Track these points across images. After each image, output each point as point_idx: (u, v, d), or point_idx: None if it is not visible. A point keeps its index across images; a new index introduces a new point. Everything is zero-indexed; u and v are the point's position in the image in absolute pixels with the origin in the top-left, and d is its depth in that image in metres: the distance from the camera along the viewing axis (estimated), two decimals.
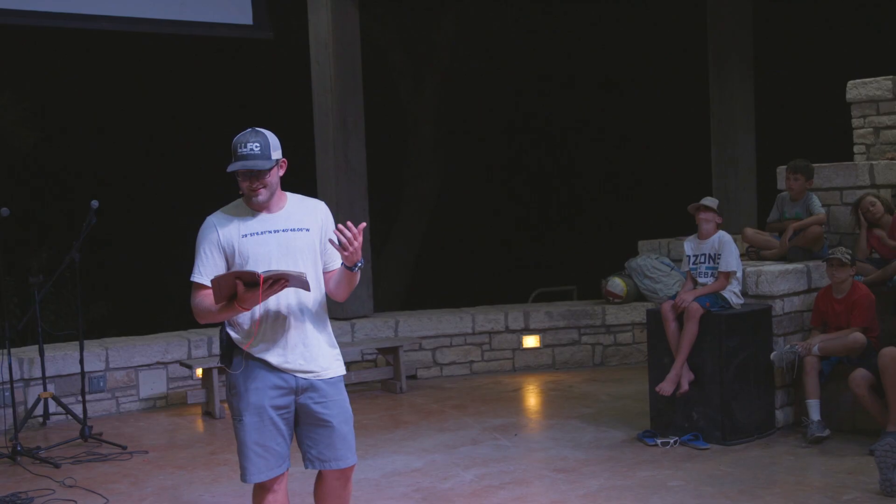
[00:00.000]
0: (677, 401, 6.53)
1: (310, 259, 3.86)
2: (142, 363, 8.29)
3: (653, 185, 15.76)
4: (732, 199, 10.95)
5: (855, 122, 8.32)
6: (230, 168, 3.77)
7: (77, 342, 7.26)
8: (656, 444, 6.40)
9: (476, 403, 8.01)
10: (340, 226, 3.73)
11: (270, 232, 3.82)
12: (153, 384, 8.36)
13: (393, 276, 15.05)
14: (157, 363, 8.37)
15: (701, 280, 6.66)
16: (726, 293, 6.52)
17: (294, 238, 3.84)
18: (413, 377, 9.05)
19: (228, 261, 3.81)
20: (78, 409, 7.39)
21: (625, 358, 9.52)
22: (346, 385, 3.98)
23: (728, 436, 6.36)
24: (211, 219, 3.88)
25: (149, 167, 15.40)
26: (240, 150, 3.76)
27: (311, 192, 9.83)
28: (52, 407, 7.55)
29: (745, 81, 11.24)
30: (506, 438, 6.79)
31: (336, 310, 9.48)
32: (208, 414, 7.89)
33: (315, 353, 3.86)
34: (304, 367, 3.83)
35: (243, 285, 3.59)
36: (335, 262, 3.92)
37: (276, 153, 3.80)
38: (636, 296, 9.50)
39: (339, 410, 3.90)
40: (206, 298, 3.76)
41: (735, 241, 6.77)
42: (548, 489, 5.61)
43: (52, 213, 14.32)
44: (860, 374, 6.12)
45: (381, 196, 13.48)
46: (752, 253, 7.48)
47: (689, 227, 7.19)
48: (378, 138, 11.25)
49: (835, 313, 6.53)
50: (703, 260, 6.67)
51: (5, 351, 7.11)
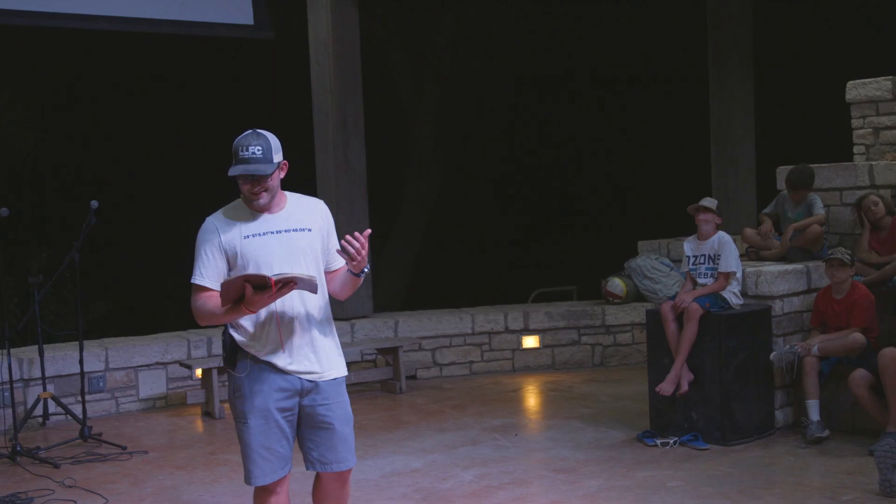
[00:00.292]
0: (677, 401, 6.53)
1: (312, 259, 3.84)
2: (141, 363, 8.29)
3: (652, 186, 15.75)
4: (732, 200, 10.94)
5: (854, 122, 8.31)
6: (232, 172, 3.72)
7: (77, 342, 7.26)
8: (656, 445, 6.40)
9: (476, 404, 8.01)
10: (348, 236, 3.70)
11: (273, 233, 3.79)
12: (153, 384, 8.36)
13: (393, 276, 15.05)
14: (157, 363, 8.37)
15: (700, 281, 6.65)
16: (726, 293, 6.52)
17: (296, 238, 3.81)
18: (413, 377, 9.05)
19: (230, 262, 3.77)
20: (77, 410, 7.39)
21: (624, 358, 9.52)
22: (346, 385, 3.98)
23: (728, 436, 6.36)
24: (211, 220, 3.83)
25: (149, 167, 15.40)
26: (241, 153, 3.71)
27: (310, 192, 9.78)
28: (52, 407, 7.55)
29: (745, 81, 11.23)
30: (506, 439, 6.79)
31: (336, 310, 9.40)
32: (208, 414, 7.89)
33: (321, 355, 3.85)
34: (310, 369, 3.81)
35: (252, 288, 3.57)
36: (337, 262, 3.91)
37: (278, 156, 3.76)
38: (636, 296, 9.50)
39: (341, 412, 3.89)
40: (208, 301, 3.73)
41: (735, 241, 6.77)
42: (547, 489, 5.60)
43: (52, 213, 14.32)
44: (860, 374, 6.12)
45: (380, 196, 13.49)
46: (751, 253, 7.48)
47: (688, 228, 7.19)
48: (378, 138, 11.25)
49: (834, 314, 6.53)
50: (702, 261, 6.66)
51: (5, 351, 7.11)
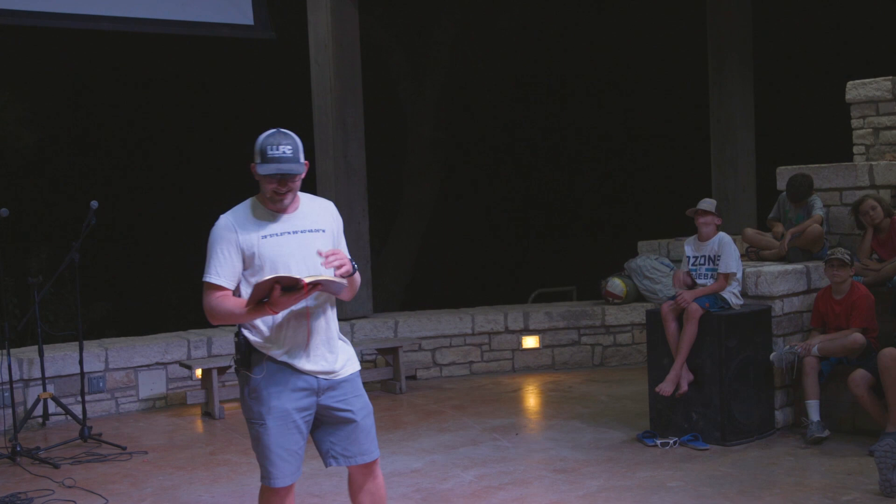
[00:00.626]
0: (677, 401, 6.53)
1: (317, 262, 3.82)
2: (141, 364, 8.29)
3: (653, 186, 15.76)
4: (732, 200, 10.95)
5: (854, 122, 8.31)
6: (264, 171, 3.67)
7: (76, 342, 7.26)
8: (656, 445, 6.40)
9: (476, 404, 8.01)
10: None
11: (290, 233, 3.78)
12: (153, 385, 8.36)
13: (392, 276, 15.05)
14: (157, 364, 8.37)
15: (701, 281, 6.65)
16: (726, 294, 6.52)
17: (312, 239, 3.81)
18: (413, 378, 9.05)
19: (245, 262, 3.73)
20: (77, 410, 7.39)
21: (624, 358, 9.52)
22: None
23: (728, 436, 6.36)
24: (228, 219, 3.78)
25: (149, 167, 15.41)
26: (270, 151, 3.69)
27: (310, 192, 9.86)
28: (52, 407, 7.55)
29: (745, 81, 11.23)
30: (506, 439, 6.79)
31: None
32: (208, 414, 7.89)
33: (336, 354, 3.86)
34: (327, 368, 3.81)
35: (280, 289, 3.55)
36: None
37: (303, 156, 3.79)
38: (636, 296, 9.50)
39: (361, 405, 3.89)
40: (224, 300, 3.70)
41: (735, 241, 6.77)
42: (547, 490, 5.60)
43: (52, 213, 14.32)
44: (860, 374, 6.12)
45: (380, 196, 13.50)
46: (751, 253, 7.48)
47: (689, 228, 7.19)
48: (378, 138, 11.25)
49: (834, 314, 6.53)
50: (703, 262, 6.66)
51: (5, 351, 7.11)
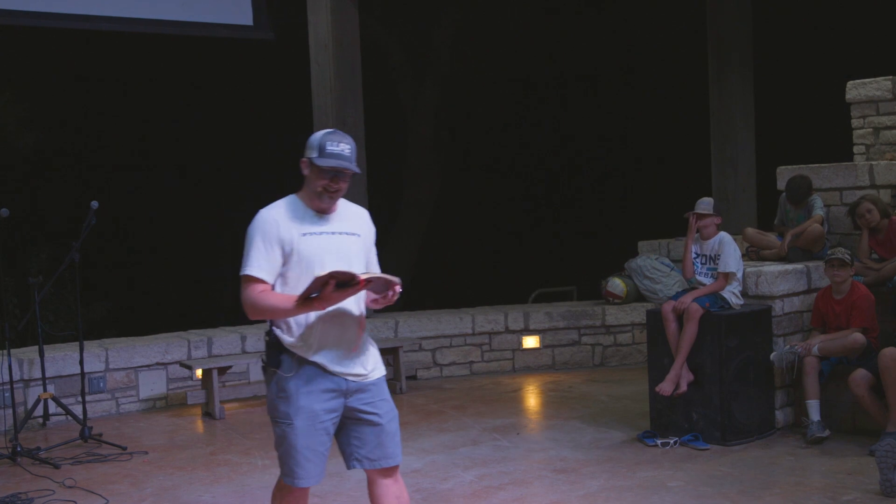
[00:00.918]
0: (677, 401, 6.53)
1: (361, 264, 3.86)
2: (141, 364, 8.29)
3: (653, 186, 15.75)
4: (732, 199, 10.94)
5: (854, 122, 8.31)
6: (323, 163, 3.70)
7: (77, 343, 7.26)
8: (656, 445, 6.40)
9: (476, 404, 8.01)
10: (393, 284, 3.78)
11: (328, 233, 3.79)
12: (153, 385, 8.36)
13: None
14: (157, 364, 8.37)
15: (701, 280, 6.66)
16: (726, 294, 6.52)
17: (349, 242, 3.84)
18: (413, 378, 9.05)
19: (284, 258, 3.73)
20: (78, 410, 7.40)
21: (625, 358, 9.52)
22: None
23: (728, 436, 6.36)
24: (270, 213, 3.77)
25: (149, 167, 15.40)
26: (330, 147, 3.72)
27: None
28: (52, 408, 7.55)
29: (745, 81, 11.23)
30: (506, 439, 6.79)
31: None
32: (208, 415, 7.89)
33: (367, 356, 3.88)
34: (357, 371, 3.82)
35: (335, 285, 3.56)
36: (374, 269, 3.95)
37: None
38: (636, 296, 9.50)
39: (388, 409, 3.92)
40: (268, 295, 3.69)
41: (736, 241, 6.77)
42: (548, 490, 5.60)
43: (52, 213, 14.32)
44: (860, 374, 6.12)
45: (380, 196, 13.49)
46: (752, 253, 7.48)
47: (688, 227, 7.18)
48: (378, 138, 11.26)
49: (834, 314, 6.53)
50: (703, 261, 6.67)
51: (5, 352, 7.12)
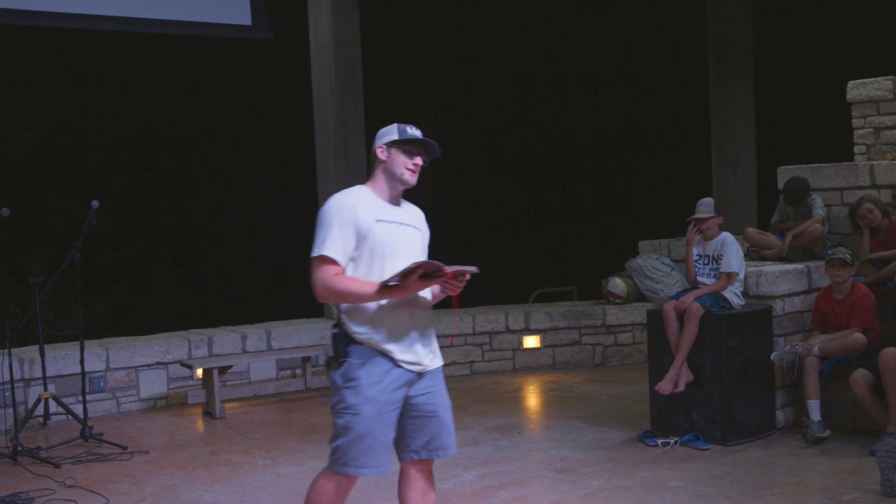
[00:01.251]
0: (678, 401, 6.52)
1: (421, 257, 3.88)
2: (142, 363, 8.30)
3: (653, 186, 15.75)
4: (732, 199, 10.95)
5: (855, 122, 8.31)
6: (412, 134, 3.79)
7: (77, 342, 7.27)
8: (656, 445, 6.40)
9: (476, 404, 8.01)
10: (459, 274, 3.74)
11: (398, 223, 3.84)
12: (153, 384, 8.36)
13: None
14: (158, 363, 8.37)
15: (703, 281, 6.66)
16: (727, 293, 6.52)
17: (414, 235, 3.89)
18: None
19: (357, 242, 3.74)
20: (78, 410, 7.40)
21: (625, 358, 9.52)
22: None
23: (728, 436, 6.36)
24: (346, 198, 3.78)
25: (149, 166, 15.41)
26: (410, 130, 3.82)
27: (311, 191, 9.90)
28: (53, 407, 7.55)
29: (746, 81, 11.24)
30: (507, 438, 6.79)
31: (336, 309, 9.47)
32: (208, 414, 7.89)
33: (430, 347, 3.91)
34: (420, 360, 3.84)
35: (420, 274, 3.61)
36: None
37: None
38: (637, 296, 9.50)
39: (443, 400, 3.95)
40: (344, 278, 3.69)
41: (737, 240, 6.77)
42: (548, 489, 5.60)
43: (52, 213, 14.33)
44: (860, 374, 6.12)
45: None
46: (752, 253, 7.48)
47: (689, 227, 7.18)
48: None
49: (835, 314, 6.53)
50: (706, 261, 6.67)
51: (6, 351, 7.11)
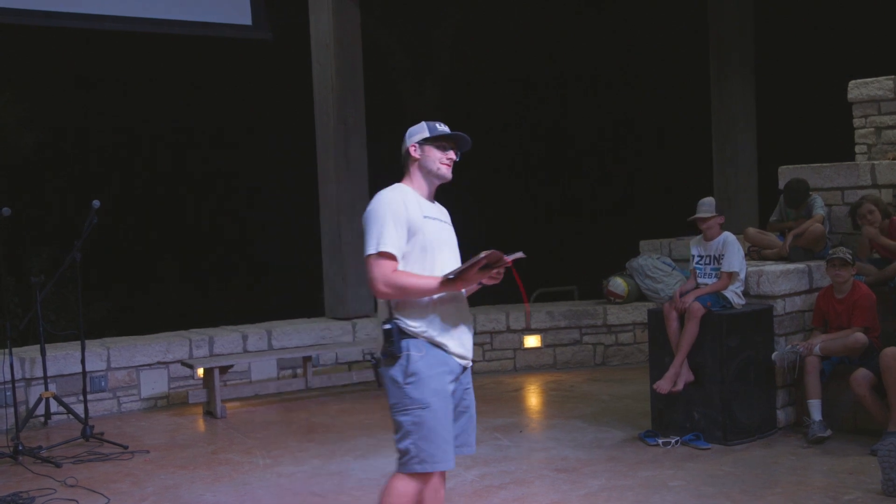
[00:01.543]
0: (679, 401, 6.52)
1: (457, 253, 3.95)
2: (143, 363, 8.30)
3: (654, 185, 15.76)
4: (733, 199, 10.96)
5: (856, 121, 8.31)
6: (444, 131, 3.85)
7: (78, 342, 7.27)
8: (657, 444, 6.40)
9: (477, 403, 7.84)
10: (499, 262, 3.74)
11: (439, 220, 3.90)
12: (154, 384, 8.37)
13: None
14: (159, 363, 8.37)
15: (705, 280, 6.66)
16: (728, 293, 6.52)
17: (450, 231, 3.96)
18: None
19: (408, 238, 3.76)
20: (79, 409, 7.40)
21: (626, 358, 9.52)
22: (347, 384, 3.99)
23: (729, 436, 6.36)
24: (395, 194, 3.81)
25: (150, 166, 15.40)
26: (439, 125, 3.90)
27: (311, 191, 9.90)
28: (54, 406, 7.55)
29: (746, 81, 11.25)
30: (508, 438, 6.79)
31: (337, 309, 9.48)
32: (209, 414, 7.89)
33: (471, 342, 3.94)
34: (465, 354, 3.88)
35: (480, 266, 3.65)
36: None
37: None
38: (637, 296, 9.50)
39: (472, 397, 4.01)
40: (404, 274, 3.69)
41: (738, 240, 6.77)
42: (549, 489, 5.60)
43: (52, 212, 14.33)
44: (861, 373, 6.12)
45: None
46: (753, 252, 7.48)
47: (690, 227, 7.19)
48: (378, 138, 11.27)
49: (836, 313, 6.53)
50: (707, 261, 6.67)
51: (7, 350, 7.11)
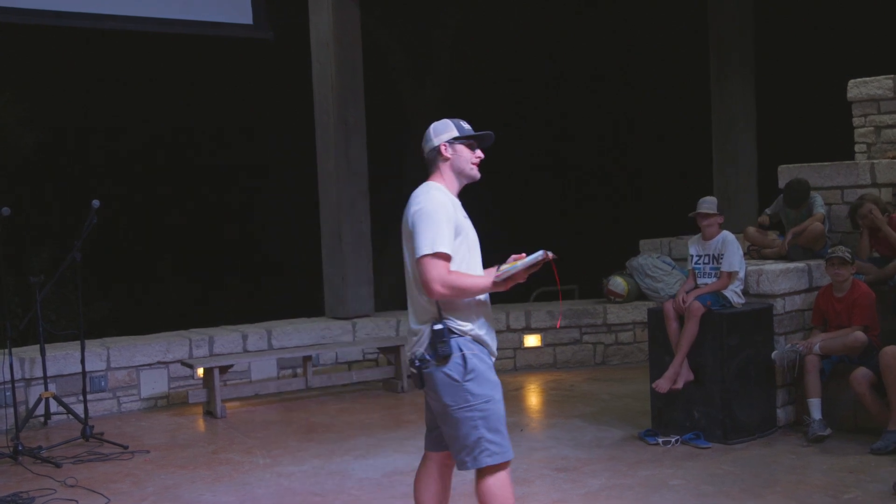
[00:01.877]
0: (678, 400, 6.53)
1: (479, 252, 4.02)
2: (143, 363, 8.30)
3: (654, 184, 15.76)
4: (733, 198, 10.96)
5: (856, 120, 8.31)
6: (470, 130, 3.93)
7: (78, 342, 7.27)
8: (657, 443, 6.40)
9: None
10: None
11: (468, 219, 3.96)
12: (154, 384, 8.37)
13: (394, 275, 15.03)
14: (159, 363, 8.37)
15: (704, 280, 6.66)
16: (727, 292, 6.52)
17: (475, 231, 4.00)
18: None
19: (454, 238, 3.83)
20: (79, 409, 7.40)
21: (626, 357, 9.53)
22: (347, 384, 4.00)
23: (729, 435, 6.36)
24: (442, 195, 3.86)
25: (150, 166, 15.41)
26: (462, 123, 3.95)
27: (312, 191, 9.90)
28: (54, 406, 7.55)
29: (746, 81, 11.25)
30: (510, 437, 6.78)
31: (337, 309, 9.48)
32: (209, 413, 7.90)
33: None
34: (495, 352, 3.98)
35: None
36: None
37: None
38: (637, 295, 9.50)
39: None
40: (460, 275, 3.77)
41: (738, 239, 6.77)
42: (549, 488, 5.60)
43: (52, 212, 14.33)
44: (861, 372, 6.13)
45: (381, 195, 13.49)
46: (753, 252, 7.48)
47: (690, 226, 7.20)
48: (378, 137, 11.27)
49: (835, 312, 6.53)
50: (707, 260, 6.68)
51: (6, 350, 7.11)
